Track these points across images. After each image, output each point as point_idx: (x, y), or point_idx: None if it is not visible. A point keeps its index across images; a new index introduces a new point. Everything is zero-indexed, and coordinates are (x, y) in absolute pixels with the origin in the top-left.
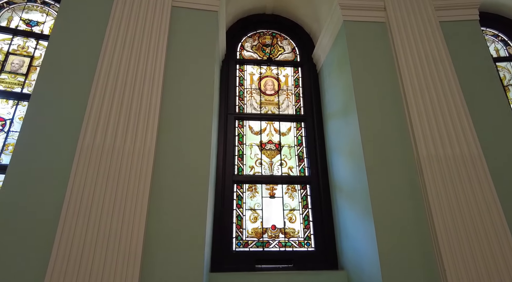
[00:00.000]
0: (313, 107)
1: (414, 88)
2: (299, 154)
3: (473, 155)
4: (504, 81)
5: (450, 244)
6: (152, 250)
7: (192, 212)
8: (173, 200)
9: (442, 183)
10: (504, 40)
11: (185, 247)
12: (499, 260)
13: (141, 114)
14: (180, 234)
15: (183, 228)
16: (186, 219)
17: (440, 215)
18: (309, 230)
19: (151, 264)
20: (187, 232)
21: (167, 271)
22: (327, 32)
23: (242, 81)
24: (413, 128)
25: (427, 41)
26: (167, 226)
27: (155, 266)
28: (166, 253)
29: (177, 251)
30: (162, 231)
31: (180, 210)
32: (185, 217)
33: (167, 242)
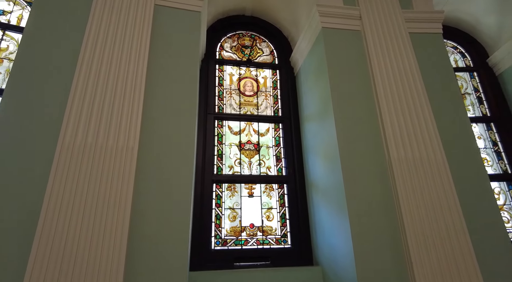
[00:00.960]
0: (290, 109)
1: (386, 94)
2: (277, 154)
3: (437, 158)
4: (461, 89)
5: (417, 239)
6: (136, 250)
7: (175, 211)
8: (157, 199)
9: (410, 183)
10: (462, 52)
11: (169, 246)
12: (457, 251)
13: (124, 112)
14: (164, 233)
15: (167, 228)
16: (169, 219)
17: (409, 213)
18: (285, 228)
19: (135, 263)
20: (171, 232)
21: (151, 271)
22: (305, 37)
23: (222, 81)
24: (385, 133)
25: (398, 50)
26: (150, 225)
27: (139, 266)
28: (150, 253)
29: (161, 251)
30: (146, 230)
31: (164, 210)
32: (169, 216)
33: (151, 241)
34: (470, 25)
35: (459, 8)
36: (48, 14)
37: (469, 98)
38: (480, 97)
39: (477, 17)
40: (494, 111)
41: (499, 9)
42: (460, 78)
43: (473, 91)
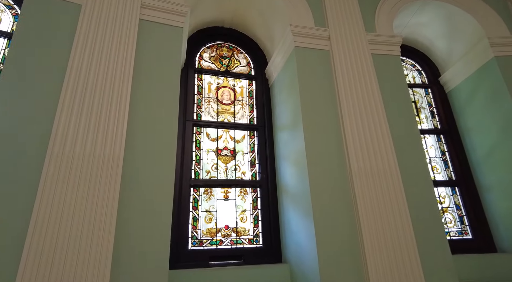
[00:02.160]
0: (265, 118)
1: (349, 109)
2: (252, 160)
3: (391, 167)
4: (417, 103)
5: (371, 239)
6: (121, 251)
7: (158, 214)
8: (140, 203)
9: (367, 190)
10: (419, 69)
11: (152, 247)
12: (404, 249)
13: (110, 121)
14: (147, 235)
15: (150, 230)
16: (152, 222)
17: (365, 216)
18: (258, 229)
19: (121, 263)
20: (154, 233)
21: (135, 270)
22: (279, 53)
23: (201, 90)
24: (347, 145)
25: (361, 69)
26: (135, 228)
27: (125, 265)
28: (134, 253)
29: (144, 251)
30: (131, 233)
31: (148, 213)
32: (152, 219)
33: (136, 242)
34: (426, 46)
35: (416, 31)
36: (35, 24)
37: (424, 112)
38: (433, 111)
39: (431, 40)
40: (444, 124)
41: (449, 36)
42: (416, 94)
43: (427, 106)
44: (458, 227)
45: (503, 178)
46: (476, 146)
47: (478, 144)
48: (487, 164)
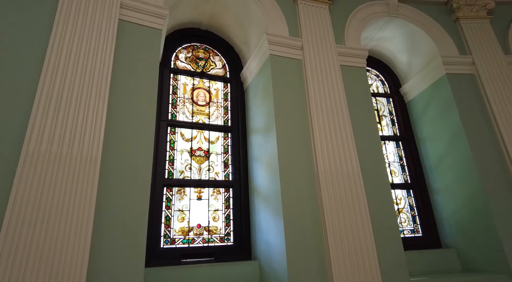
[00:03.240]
0: (239, 120)
1: (318, 116)
2: (225, 161)
3: (354, 170)
4: (380, 111)
5: (335, 236)
6: (98, 252)
7: (135, 213)
8: (118, 203)
9: (333, 191)
10: (382, 80)
11: (129, 247)
12: (363, 246)
13: (88, 121)
14: (124, 236)
15: (127, 230)
16: (129, 221)
17: (330, 216)
18: (229, 227)
19: (97, 265)
20: (131, 233)
21: (113, 268)
22: (255, 59)
23: (176, 90)
24: (315, 149)
25: (330, 79)
26: (113, 229)
27: (102, 264)
28: (112, 254)
29: (122, 251)
30: (108, 234)
31: (124, 213)
32: (129, 218)
33: (113, 243)
34: (389, 59)
35: (381, 44)
36: (8, 20)
37: (385, 120)
38: (393, 119)
39: (394, 53)
40: (402, 132)
41: (409, 51)
42: (379, 102)
43: (388, 114)
44: (411, 226)
45: (450, 183)
46: (429, 153)
47: (431, 151)
48: (437, 170)
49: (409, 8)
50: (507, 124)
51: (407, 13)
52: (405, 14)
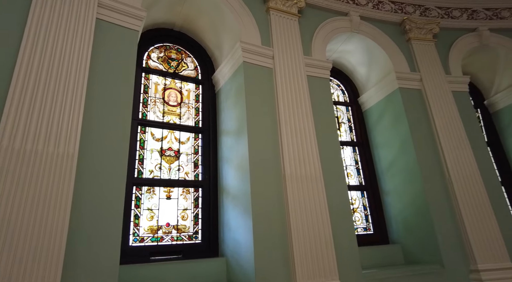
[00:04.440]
0: (210, 121)
1: (286, 121)
2: (195, 161)
3: (316, 173)
4: (339, 119)
5: (298, 235)
6: (74, 250)
7: (109, 212)
8: (94, 202)
9: (297, 192)
10: (343, 89)
11: (104, 245)
12: (323, 243)
13: (65, 118)
14: (99, 232)
15: (103, 228)
16: (104, 219)
17: (294, 215)
18: (198, 226)
19: (73, 263)
20: (106, 230)
21: (88, 268)
22: (228, 64)
23: (147, 89)
24: (283, 152)
25: (298, 88)
26: (88, 227)
27: (77, 263)
28: (87, 252)
29: (97, 249)
30: (84, 232)
31: (100, 210)
32: (104, 216)
33: (89, 241)
34: (350, 70)
35: (343, 56)
36: None
37: (344, 126)
38: (351, 126)
39: (354, 65)
40: (359, 138)
41: (367, 64)
42: (339, 110)
43: (347, 121)
44: (364, 224)
45: (398, 185)
46: (381, 158)
47: (383, 157)
48: (388, 173)
49: (369, 25)
50: (446, 134)
51: (367, 30)
52: (366, 31)
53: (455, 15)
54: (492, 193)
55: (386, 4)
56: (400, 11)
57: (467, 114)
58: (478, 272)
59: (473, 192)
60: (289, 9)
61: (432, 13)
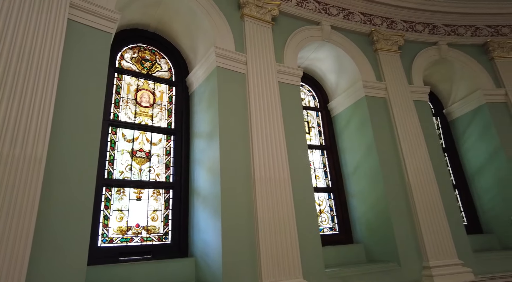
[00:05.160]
0: (183, 123)
1: (257, 126)
2: (167, 163)
3: (284, 176)
4: (310, 123)
5: (265, 234)
6: (40, 252)
7: (78, 213)
8: (62, 203)
9: (265, 195)
10: (314, 95)
11: (72, 246)
12: (288, 243)
13: (33, 120)
14: (67, 234)
15: (71, 229)
16: (73, 220)
17: (262, 217)
18: (168, 227)
19: (38, 264)
20: (74, 231)
21: (55, 269)
22: (202, 67)
23: (119, 90)
24: (253, 156)
25: (269, 93)
26: (56, 229)
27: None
28: (54, 253)
29: (64, 250)
30: (51, 234)
31: (68, 212)
32: (72, 218)
33: (56, 242)
34: (320, 77)
35: (314, 63)
36: None
37: (314, 131)
38: (320, 130)
39: (325, 73)
40: (327, 142)
41: (337, 72)
42: (310, 115)
43: (317, 126)
44: (330, 224)
45: (362, 188)
46: (347, 162)
47: (349, 160)
48: (353, 176)
49: (340, 35)
50: (406, 141)
51: (338, 39)
52: (336, 40)
53: (418, 29)
54: (445, 196)
55: (356, 15)
56: (369, 22)
57: (426, 122)
58: (429, 268)
59: (429, 195)
60: (263, 16)
61: (398, 26)
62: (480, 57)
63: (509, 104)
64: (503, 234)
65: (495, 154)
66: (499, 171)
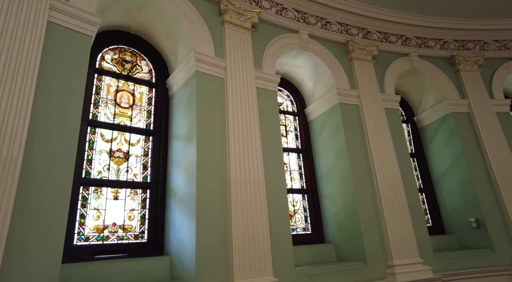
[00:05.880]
0: (161, 125)
1: (234, 130)
2: (144, 163)
3: (259, 178)
4: (287, 127)
5: (238, 234)
6: (14, 250)
7: (54, 211)
8: (38, 202)
9: (240, 196)
10: (292, 100)
11: (47, 243)
12: (261, 242)
13: (10, 120)
14: (42, 232)
15: (46, 226)
16: (48, 219)
17: (235, 217)
18: (144, 226)
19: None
20: (49, 230)
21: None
22: (182, 70)
23: (99, 90)
24: (229, 160)
25: (247, 99)
26: (31, 227)
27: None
28: (28, 251)
29: (39, 248)
30: (26, 232)
31: (44, 211)
32: (48, 216)
33: (31, 241)
34: (298, 83)
35: (293, 70)
36: None
37: (291, 134)
38: (297, 134)
39: (302, 79)
40: (303, 145)
41: (314, 79)
42: (287, 119)
43: (294, 130)
44: (303, 224)
45: (334, 190)
46: (321, 165)
47: (323, 164)
48: (326, 179)
49: (317, 44)
50: (377, 146)
51: (315, 47)
52: (314, 49)
53: (391, 40)
54: (410, 199)
55: (333, 25)
56: (345, 32)
57: (396, 129)
58: (393, 267)
59: (396, 198)
60: (243, 23)
61: (373, 37)
62: (448, 69)
63: (472, 114)
64: (463, 234)
65: (458, 160)
66: (461, 177)
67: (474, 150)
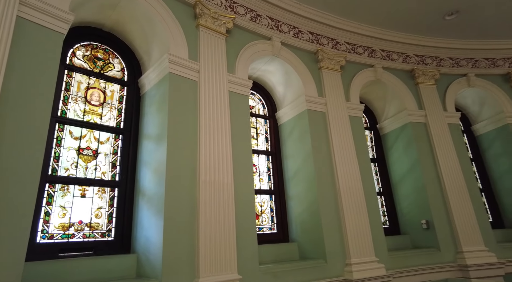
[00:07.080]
0: (132, 124)
1: (206, 133)
2: (113, 161)
3: (228, 180)
4: (258, 130)
5: (205, 233)
6: None
7: (18, 209)
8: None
9: (209, 197)
10: (263, 103)
11: (9, 241)
12: (227, 241)
13: None
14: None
15: (9, 224)
16: (12, 216)
17: (204, 216)
18: (111, 224)
19: None
20: (12, 227)
21: None
22: (154, 71)
23: (69, 87)
24: (200, 161)
25: (219, 102)
26: None
27: None
28: None
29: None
30: None
31: (8, 208)
32: (12, 214)
33: None
34: (270, 87)
35: (265, 75)
36: None
37: (262, 137)
38: (267, 137)
39: (274, 84)
40: (273, 148)
41: (285, 85)
42: (259, 122)
43: (264, 133)
44: (270, 224)
45: (300, 192)
46: (289, 167)
47: (290, 166)
48: (293, 181)
49: (289, 51)
50: (340, 151)
51: (287, 55)
52: (285, 56)
53: (359, 51)
54: (369, 201)
55: (305, 34)
56: (316, 42)
57: (359, 136)
58: (350, 265)
59: (355, 200)
60: (218, 28)
61: (341, 47)
62: (408, 81)
63: (427, 125)
64: (415, 235)
65: (414, 166)
66: (416, 182)
67: (428, 157)
